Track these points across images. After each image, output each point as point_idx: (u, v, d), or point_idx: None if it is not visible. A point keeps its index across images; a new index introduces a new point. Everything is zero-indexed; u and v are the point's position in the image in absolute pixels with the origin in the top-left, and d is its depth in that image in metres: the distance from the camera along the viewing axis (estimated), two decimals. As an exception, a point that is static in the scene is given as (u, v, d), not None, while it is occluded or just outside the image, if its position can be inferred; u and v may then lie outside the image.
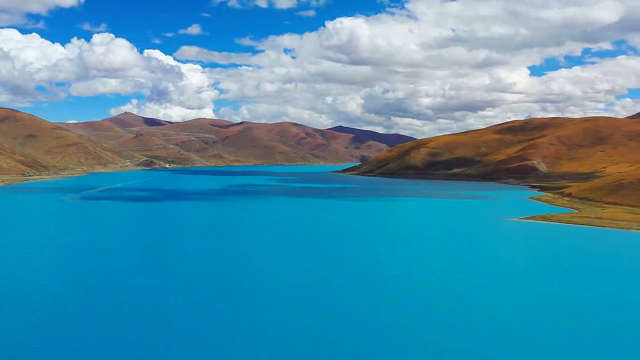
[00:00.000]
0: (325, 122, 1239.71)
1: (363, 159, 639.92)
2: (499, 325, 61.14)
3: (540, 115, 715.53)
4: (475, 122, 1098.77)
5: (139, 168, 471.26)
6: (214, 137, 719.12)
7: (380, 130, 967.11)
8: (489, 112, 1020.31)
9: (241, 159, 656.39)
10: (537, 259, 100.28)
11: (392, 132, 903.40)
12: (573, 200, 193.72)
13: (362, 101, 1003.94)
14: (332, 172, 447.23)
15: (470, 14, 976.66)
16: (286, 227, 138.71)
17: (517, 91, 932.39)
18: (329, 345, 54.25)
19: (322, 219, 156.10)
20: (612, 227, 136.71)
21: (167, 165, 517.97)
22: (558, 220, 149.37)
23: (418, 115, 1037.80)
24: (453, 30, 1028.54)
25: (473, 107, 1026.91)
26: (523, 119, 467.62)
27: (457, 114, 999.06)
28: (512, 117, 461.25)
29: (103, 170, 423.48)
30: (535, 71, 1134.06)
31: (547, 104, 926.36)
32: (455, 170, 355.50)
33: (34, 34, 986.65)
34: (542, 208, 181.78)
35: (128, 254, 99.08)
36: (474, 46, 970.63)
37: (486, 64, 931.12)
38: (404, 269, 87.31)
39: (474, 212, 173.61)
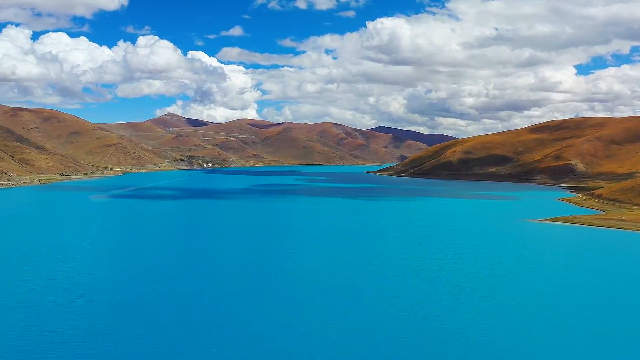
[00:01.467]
0: (368, 122, 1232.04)
1: (402, 159, 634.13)
2: (496, 326, 59.97)
3: (589, 115, 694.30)
4: (521, 122, 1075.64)
5: (176, 168, 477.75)
6: (253, 137, 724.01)
7: (423, 130, 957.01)
8: (534, 111, 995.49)
9: (280, 159, 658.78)
10: (542, 260, 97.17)
11: (436, 132, 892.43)
12: (602, 201, 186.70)
13: (405, 101, 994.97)
14: (368, 172, 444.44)
15: (512, 12, 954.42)
16: (295, 225, 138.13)
17: (563, 90, 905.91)
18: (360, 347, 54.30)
19: (335, 218, 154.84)
20: (633, 230, 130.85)
21: (205, 166, 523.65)
22: (579, 222, 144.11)
23: (462, 115, 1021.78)
24: (496, 29, 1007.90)
25: (518, 106, 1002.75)
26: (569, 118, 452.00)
27: (502, 113, 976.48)
28: (559, 117, 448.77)
29: (141, 170, 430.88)
30: (582, 70, 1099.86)
31: (595, 104, 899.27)
32: (490, 171, 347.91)
33: (82, 37, 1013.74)
34: (568, 209, 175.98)
35: (138, 252, 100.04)
36: (518, 45, 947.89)
37: (530, 63, 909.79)
38: (404, 269, 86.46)
39: (494, 213, 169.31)
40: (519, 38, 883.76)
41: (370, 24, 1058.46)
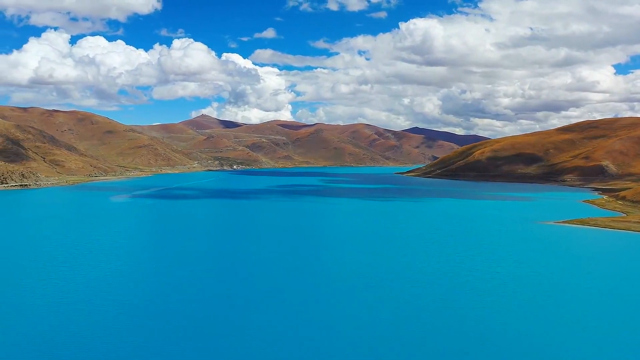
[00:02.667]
0: (402, 123, 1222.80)
1: (434, 160, 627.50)
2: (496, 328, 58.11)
3: (628, 115, 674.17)
4: (558, 122, 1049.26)
5: (206, 169, 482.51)
6: (284, 138, 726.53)
7: (459, 131, 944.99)
8: (572, 112, 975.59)
9: (310, 161, 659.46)
10: (545, 262, 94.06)
11: (472, 133, 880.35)
12: (626, 203, 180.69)
13: (440, 102, 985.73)
14: (396, 173, 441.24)
15: (546, 11, 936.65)
16: (294, 225, 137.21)
17: (601, 90, 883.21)
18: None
19: (344, 218, 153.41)
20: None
21: (234, 167, 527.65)
22: (595, 225, 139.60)
23: (497, 116, 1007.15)
24: (531, 29, 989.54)
25: (555, 107, 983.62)
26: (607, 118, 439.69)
27: (539, 114, 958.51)
28: (598, 118, 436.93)
29: (170, 172, 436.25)
30: (621, 69, 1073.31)
31: (635, 103, 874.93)
32: (519, 172, 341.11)
33: (119, 41, 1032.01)
34: (589, 211, 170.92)
35: (146, 251, 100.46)
36: (553, 44, 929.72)
37: (567, 63, 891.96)
38: (409, 271, 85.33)
39: (512, 215, 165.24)
40: (555, 37, 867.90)
41: (403, 25, 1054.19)
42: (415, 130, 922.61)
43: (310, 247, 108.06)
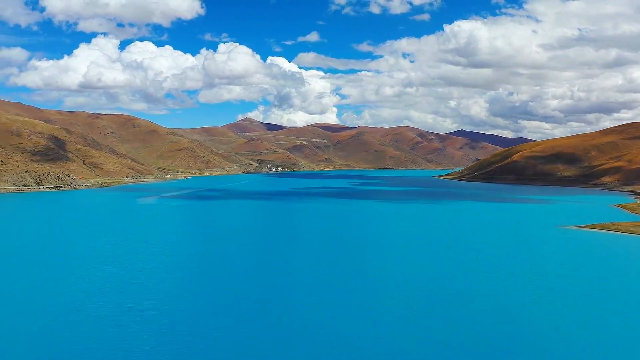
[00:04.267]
0: (449, 126, 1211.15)
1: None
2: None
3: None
4: (610, 124, 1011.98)
5: (244, 172, 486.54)
6: (326, 141, 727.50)
7: (507, 134, 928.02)
8: (624, 114, 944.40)
9: (351, 164, 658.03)
10: (550, 265, 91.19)
11: (520, 135, 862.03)
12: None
13: (487, 104, 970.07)
14: (435, 176, 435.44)
15: (594, 12, 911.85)
16: (293, 225, 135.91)
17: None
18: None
19: (348, 220, 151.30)
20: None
21: (273, 170, 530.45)
22: (616, 229, 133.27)
23: (546, 118, 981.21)
24: (579, 29, 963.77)
25: (606, 108, 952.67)
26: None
27: (590, 116, 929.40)
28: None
29: (208, 174, 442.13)
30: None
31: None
32: (558, 175, 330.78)
33: (167, 46, 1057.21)
34: (617, 216, 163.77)
35: (156, 254, 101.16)
36: (603, 45, 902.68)
37: (618, 64, 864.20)
38: (415, 271, 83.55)
39: (534, 219, 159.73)
40: (604, 38, 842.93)
41: (447, 27, 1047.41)
42: (460, 132, 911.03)
43: (313, 248, 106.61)
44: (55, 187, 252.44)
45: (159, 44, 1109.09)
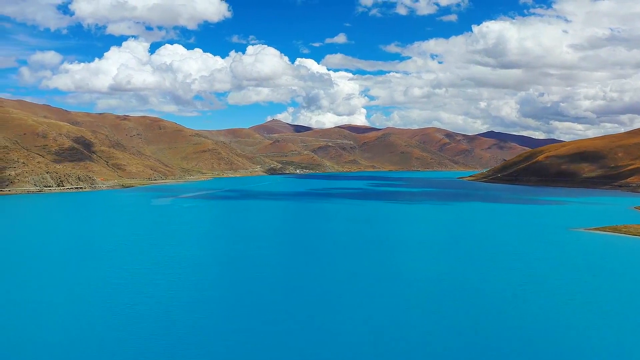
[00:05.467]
0: (479, 127, 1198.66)
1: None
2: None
3: None
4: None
5: (267, 173, 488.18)
6: (351, 142, 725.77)
7: (539, 135, 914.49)
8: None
9: (377, 165, 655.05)
10: (553, 267, 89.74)
11: (552, 137, 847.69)
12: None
13: (517, 105, 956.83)
14: (459, 178, 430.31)
15: (625, 12, 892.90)
16: (292, 226, 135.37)
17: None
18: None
19: (346, 219, 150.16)
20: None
21: (297, 171, 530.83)
22: (626, 232, 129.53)
23: (578, 119, 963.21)
24: (610, 29, 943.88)
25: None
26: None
27: (623, 117, 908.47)
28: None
29: (232, 175, 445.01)
30: None
31: None
32: (583, 176, 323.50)
33: (197, 49, 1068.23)
34: (634, 218, 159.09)
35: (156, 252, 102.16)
36: (635, 45, 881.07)
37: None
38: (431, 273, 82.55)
39: (546, 221, 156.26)
40: (636, 38, 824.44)
41: (475, 28, 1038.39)
42: (490, 134, 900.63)
43: (300, 248, 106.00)
44: (76, 188, 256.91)
45: (188, 46, 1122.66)
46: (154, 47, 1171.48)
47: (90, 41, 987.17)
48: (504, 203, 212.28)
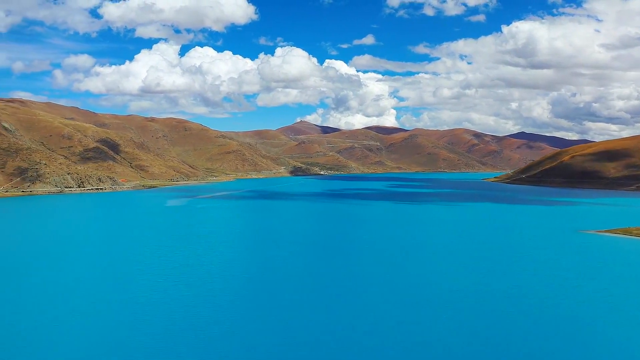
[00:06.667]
0: (511, 128, 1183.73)
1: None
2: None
3: None
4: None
5: (291, 174, 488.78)
6: (378, 144, 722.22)
7: (571, 136, 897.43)
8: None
9: (403, 166, 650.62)
10: (555, 269, 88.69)
11: (586, 137, 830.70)
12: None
13: (549, 106, 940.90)
14: (484, 179, 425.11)
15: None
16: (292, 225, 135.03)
17: None
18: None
19: (351, 221, 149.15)
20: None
21: (321, 172, 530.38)
22: (638, 234, 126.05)
23: (612, 120, 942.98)
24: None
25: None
26: None
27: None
28: None
29: (255, 176, 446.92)
30: None
31: None
32: (608, 178, 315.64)
33: (227, 52, 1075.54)
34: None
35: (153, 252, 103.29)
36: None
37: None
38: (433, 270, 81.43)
39: (556, 223, 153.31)
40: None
41: (505, 28, 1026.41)
42: (520, 135, 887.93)
43: (298, 250, 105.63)
44: (96, 189, 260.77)
45: (217, 49, 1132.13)
46: (184, 50, 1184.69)
47: (122, 44, 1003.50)
48: (516, 204, 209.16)
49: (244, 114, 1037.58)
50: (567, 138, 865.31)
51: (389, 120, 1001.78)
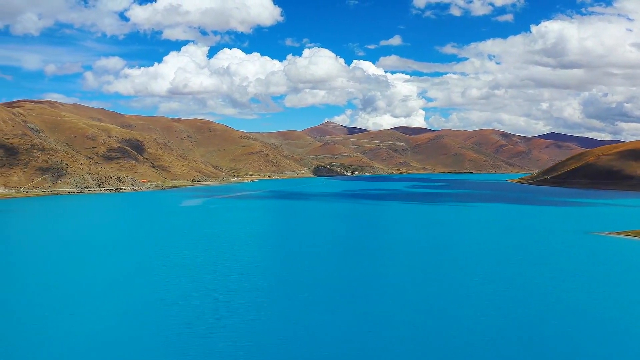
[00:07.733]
0: (542, 128, 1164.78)
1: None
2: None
3: None
4: None
5: (314, 175, 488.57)
6: (403, 144, 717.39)
7: (604, 136, 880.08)
8: None
9: (428, 167, 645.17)
10: (556, 270, 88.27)
11: (619, 138, 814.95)
12: None
13: (581, 106, 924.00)
14: (508, 180, 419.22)
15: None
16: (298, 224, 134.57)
17: None
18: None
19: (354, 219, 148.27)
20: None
21: (345, 173, 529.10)
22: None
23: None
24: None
25: None
26: None
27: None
28: None
29: (278, 177, 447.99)
30: None
31: None
32: (635, 179, 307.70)
33: (255, 53, 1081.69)
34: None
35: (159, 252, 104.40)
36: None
37: None
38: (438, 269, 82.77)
39: (568, 225, 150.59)
40: None
41: (534, 28, 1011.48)
42: (550, 135, 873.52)
43: (292, 249, 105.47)
44: (115, 189, 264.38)
45: (244, 50, 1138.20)
46: (212, 52, 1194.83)
47: (150, 46, 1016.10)
48: (532, 205, 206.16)
49: (272, 115, 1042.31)
50: (598, 139, 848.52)
51: (418, 121, 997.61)
